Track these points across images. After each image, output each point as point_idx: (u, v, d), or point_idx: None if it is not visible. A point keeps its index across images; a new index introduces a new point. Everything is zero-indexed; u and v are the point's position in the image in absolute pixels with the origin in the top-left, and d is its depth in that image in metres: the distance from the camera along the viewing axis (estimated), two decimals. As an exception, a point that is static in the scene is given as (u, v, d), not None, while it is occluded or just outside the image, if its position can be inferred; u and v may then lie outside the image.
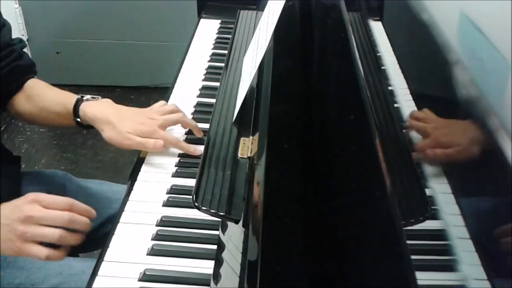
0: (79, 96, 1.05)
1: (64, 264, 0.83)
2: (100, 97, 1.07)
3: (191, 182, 0.90)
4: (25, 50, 1.19)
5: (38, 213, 0.80)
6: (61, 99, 1.07)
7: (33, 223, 0.79)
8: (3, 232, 0.79)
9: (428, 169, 0.72)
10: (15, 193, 1.12)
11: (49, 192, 1.15)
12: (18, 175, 1.16)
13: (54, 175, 1.20)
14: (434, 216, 0.67)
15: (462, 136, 0.63)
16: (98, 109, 1.02)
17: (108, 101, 1.06)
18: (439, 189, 0.68)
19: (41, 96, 1.10)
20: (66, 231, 0.80)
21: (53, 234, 0.79)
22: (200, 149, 0.99)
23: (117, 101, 1.07)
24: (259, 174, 0.71)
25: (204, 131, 1.03)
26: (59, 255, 0.81)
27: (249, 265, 0.61)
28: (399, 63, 0.95)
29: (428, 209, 0.68)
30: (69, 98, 1.06)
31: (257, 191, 0.69)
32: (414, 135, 0.78)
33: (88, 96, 1.05)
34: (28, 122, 1.13)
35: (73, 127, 1.08)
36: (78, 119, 1.04)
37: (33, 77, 1.15)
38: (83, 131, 2.33)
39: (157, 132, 0.99)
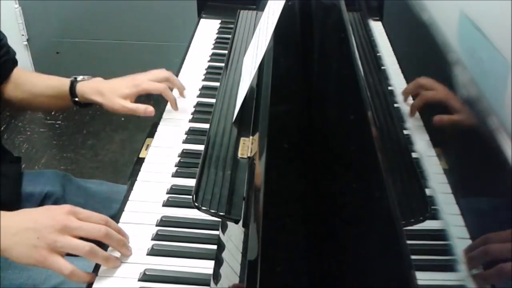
0: (72, 78, 1.13)
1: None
2: (89, 76, 1.15)
3: (191, 182, 0.90)
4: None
5: (75, 224, 0.77)
6: (54, 83, 1.15)
7: (67, 233, 0.76)
8: (30, 237, 0.75)
9: (428, 169, 0.73)
10: (16, 193, 1.12)
11: (49, 192, 1.16)
12: (19, 175, 1.16)
13: (54, 176, 1.20)
14: (434, 216, 0.67)
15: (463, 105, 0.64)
16: (92, 86, 1.11)
17: (99, 79, 1.14)
18: (439, 189, 0.68)
19: (31, 83, 1.16)
20: (97, 247, 0.77)
21: (83, 246, 0.76)
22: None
23: None
24: (259, 174, 0.71)
25: (204, 131, 1.03)
26: (82, 276, 0.77)
27: (249, 265, 0.61)
28: (399, 63, 0.95)
29: (428, 209, 0.68)
30: (62, 81, 1.14)
31: (257, 191, 0.69)
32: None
33: (80, 77, 1.14)
34: (20, 108, 1.22)
35: (67, 108, 1.17)
36: (76, 99, 1.13)
37: (15, 66, 1.19)
38: (83, 131, 2.32)
39: (145, 82, 1.10)
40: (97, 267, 0.80)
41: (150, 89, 1.10)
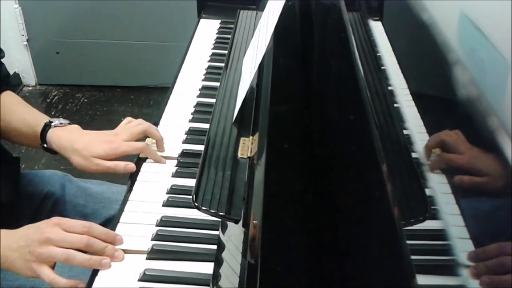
0: (47, 121, 1.03)
1: (65, 265, 0.83)
2: (68, 122, 1.05)
3: (191, 182, 0.90)
4: (3, 60, 1.14)
5: (57, 236, 0.81)
6: (30, 121, 1.05)
7: (51, 245, 0.80)
8: (24, 252, 0.81)
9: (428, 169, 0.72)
10: (15, 194, 1.12)
11: (49, 192, 1.16)
12: (18, 176, 1.16)
13: (53, 176, 1.20)
14: (434, 216, 0.67)
15: (492, 167, 0.58)
16: (63, 138, 1.01)
17: (74, 128, 1.04)
18: (439, 189, 0.68)
19: (11, 113, 1.07)
20: (76, 252, 0.80)
21: (61, 254, 0.80)
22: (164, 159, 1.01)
23: (117, 101, 1.07)
24: (259, 174, 0.71)
25: (204, 131, 1.03)
26: (62, 283, 0.80)
27: (249, 265, 0.61)
28: (399, 63, 0.94)
29: (428, 209, 0.68)
30: (38, 120, 1.04)
31: (257, 191, 0.69)
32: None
33: (56, 121, 1.03)
34: None
35: (40, 149, 1.05)
36: (45, 145, 1.03)
37: (7, 89, 1.11)
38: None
39: (122, 145, 0.99)
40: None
41: (129, 151, 1.00)
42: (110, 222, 1.01)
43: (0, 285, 0.96)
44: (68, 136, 1.01)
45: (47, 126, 1.02)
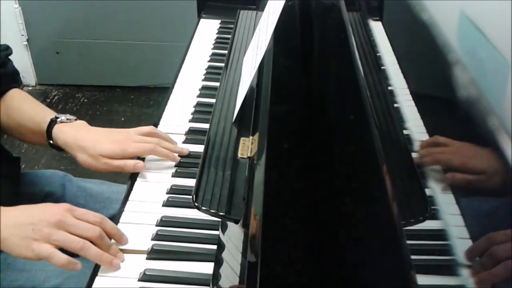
0: (53, 117, 1.01)
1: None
2: (74, 118, 1.02)
3: (191, 182, 0.90)
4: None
5: (71, 221, 0.79)
6: (37, 117, 1.03)
7: (62, 229, 0.78)
8: (25, 230, 0.77)
9: (428, 169, 0.72)
10: (15, 194, 1.12)
11: (49, 192, 1.16)
12: (18, 176, 1.16)
13: (54, 176, 1.20)
14: (434, 216, 0.67)
15: (486, 164, 0.59)
16: (69, 134, 0.99)
17: (81, 124, 1.02)
18: (439, 189, 0.68)
19: (19, 110, 1.05)
20: (90, 243, 0.79)
21: (77, 241, 0.77)
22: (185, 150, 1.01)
23: (117, 101, 1.07)
24: (259, 174, 0.71)
25: (204, 131, 1.03)
26: (76, 265, 0.78)
27: (249, 265, 0.61)
28: (399, 63, 0.94)
29: (428, 209, 0.68)
30: (44, 117, 1.01)
31: (257, 191, 0.69)
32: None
33: (63, 117, 1.01)
34: (3, 133, 1.07)
35: (40, 149, 1.04)
36: (51, 141, 1.01)
37: (15, 87, 1.10)
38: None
39: (131, 146, 0.97)
40: (97, 267, 0.80)
41: (138, 152, 0.98)
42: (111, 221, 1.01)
43: (0, 285, 0.96)
44: (74, 133, 0.99)
45: (52, 122, 1.00)
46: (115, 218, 0.89)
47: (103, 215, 0.83)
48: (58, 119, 1.00)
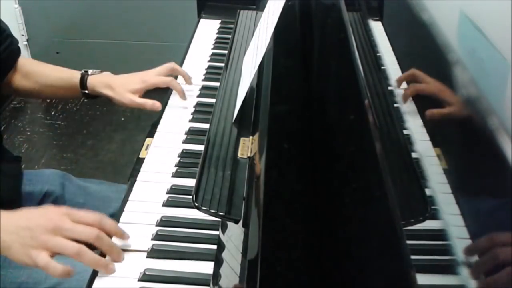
0: (83, 71, 1.19)
1: (66, 263, 0.82)
2: (99, 71, 1.20)
3: (191, 182, 0.90)
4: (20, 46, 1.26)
5: (67, 226, 0.79)
6: (65, 75, 1.21)
7: (59, 234, 0.78)
8: (24, 236, 0.77)
9: (428, 169, 0.73)
10: (16, 192, 1.12)
11: (48, 191, 1.16)
12: (19, 174, 1.16)
13: (53, 175, 1.20)
14: (434, 216, 0.67)
15: (455, 97, 0.67)
16: (102, 80, 1.17)
17: (108, 73, 1.20)
18: (439, 189, 0.68)
19: (43, 73, 1.21)
20: (87, 248, 0.78)
21: (72, 247, 0.77)
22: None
23: None
24: (259, 174, 0.71)
25: (204, 131, 1.03)
26: (58, 269, 0.77)
27: (249, 265, 0.61)
28: (399, 63, 0.94)
29: (428, 209, 0.68)
30: (73, 73, 1.20)
31: (257, 191, 0.69)
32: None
33: (91, 71, 1.19)
34: (28, 97, 1.29)
35: (76, 98, 1.23)
36: (86, 91, 1.19)
37: (19, 55, 1.22)
38: (83, 131, 2.32)
39: (152, 78, 1.17)
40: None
41: (157, 83, 1.17)
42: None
43: (0, 283, 0.96)
44: (106, 78, 1.18)
45: (84, 75, 1.18)
46: (115, 217, 0.89)
47: (102, 214, 0.83)
48: (89, 71, 1.19)
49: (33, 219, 0.79)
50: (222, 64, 1.26)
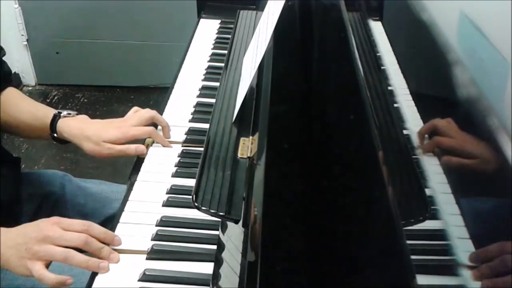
0: (56, 112, 1.07)
1: (65, 265, 0.83)
2: (75, 113, 1.09)
3: (191, 182, 0.90)
4: (4, 58, 1.15)
5: (55, 234, 0.81)
6: (38, 114, 1.09)
7: (49, 243, 0.81)
8: (20, 250, 0.81)
9: (428, 169, 0.72)
10: (15, 194, 1.12)
11: (49, 192, 1.16)
12: (18, 176, 1.16)
13: (54, 176, 1.20)
14: (434, 216, 0.67)
15: (480, 151, 0.62)
16: (74, 126, 1.05)
17: (83, 117, 1.09)
18: (439, 189, 0.68)
19: (17, 107, 1.10)
20: (75, 252, 0.81)
21: (60, 253, 0.80)
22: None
23: (117, 101, 1.09)
24: (259, 174, 0.71)
25: (204, 131, 1.03)
26: (51, 278, 0.80)
27: (249, 265, 0.61)
28: (399, 63, 0.95)
29: (428, 209, 0.68)
30: (46, 113, 1.08)
31: (257, 191, 0.69)
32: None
33: (65, 112, 1.08)
34: (2, 131, 1.13)
35: (48, 141, 1.10)
36: (55, 135, 1.07)
37: (9, 85, 1.13)
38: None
39: (132, 129, 1.04)
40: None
41: (138, 134, 1.05)
42: (111, 220, 1.01)
43: (0, 285, 0.96)
44: (79, 125, 1.06)
45: (56, 117, 1.06)
46: (115, 218, 0.89)
47: (91, 222, 0.85)
48: (61, 114, 1.07)
49: (27, 233, 0.82)
50: (222, 64, 1.26)
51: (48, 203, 1.16)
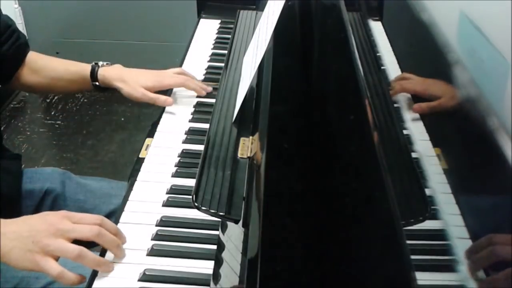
0: (93, 64, 1.19)
1: (67, 259, 0.82)
2: (110, 63, 1.21)
3: (191, 182, 0.90)
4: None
5: (68, 226, 0.79)
6: (74, 68, 1.21)
7: (61, 237, 0.78)
8: (25, 242, 0.78)
9: (428, 169, 0.73)
10: (16, 189, 1.12)
11: (49, 189, 1.16)
12: (19, 172, 1.16)
13: (53, 173, 1.20)
14: (434, 216, 0.67)
15: (443, 91, 0.70)
16: (114, 72, 1.18)
17: (119, 65, 1.21)
18: (439, 189, 0.68)
19: (51, 68, 1.21)
20: (88, 250, 0.78)
21: (73, 249, 0.77)
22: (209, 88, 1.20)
23: (118, 101, 1.11)
24: (259, 174, 0.71)
25: (204, 131, 1.03)
26: (71, 277, 0.78)
27: (249, 265, 0.61)
28: (399, 63, 0.95)
29: (428, 209, 0.68)
30: (83, 66, 1.20)
31: (257, 191, 0.69)
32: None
33: (101, 63, 1.20)
34: (37, 92, 1.29)
35: (87, 91, 1.29)
36: (97, 83, 1.18)
37: (29, 50, 1.21)
38: (83, 131, 2.32)
39: (166, 79, 1.17)
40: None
41: (172, 84, 1.18)
42: (111, 216, 1.01)
43: (1, 277, 0.95)
44: (117, 70, 1.19)
45: (95, 67, 1.18)
46: (115, 215, 0.89)
47: (101, 216, 0.83)
48: (100, 63, 1.19)
49: (35, 226, 0.79)
50: (222, 64, 1.26)
51: (48, 200, 1.16)
